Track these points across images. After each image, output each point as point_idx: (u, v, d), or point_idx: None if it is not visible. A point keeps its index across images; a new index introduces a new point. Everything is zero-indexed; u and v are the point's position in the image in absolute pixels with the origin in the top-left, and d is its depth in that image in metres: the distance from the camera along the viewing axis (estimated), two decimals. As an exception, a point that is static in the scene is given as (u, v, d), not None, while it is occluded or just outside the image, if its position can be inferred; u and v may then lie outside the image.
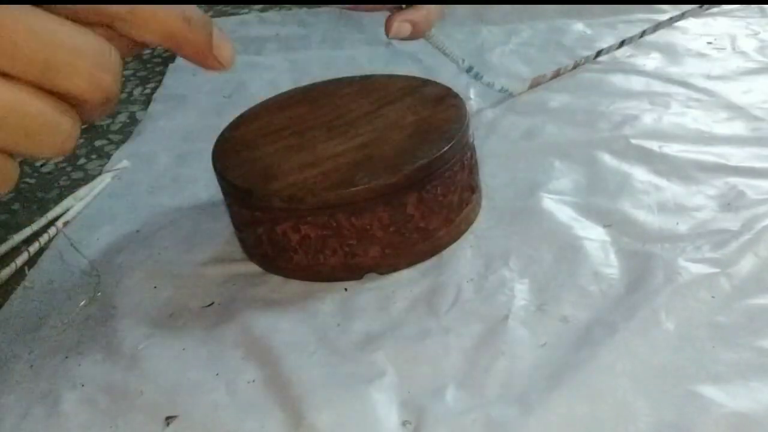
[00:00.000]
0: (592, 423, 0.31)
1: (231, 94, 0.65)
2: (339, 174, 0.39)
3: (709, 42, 0.60)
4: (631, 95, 0.55)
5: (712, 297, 0.36)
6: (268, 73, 0.67)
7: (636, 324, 0.35)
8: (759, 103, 0.51)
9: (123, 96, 0.68)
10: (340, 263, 0.40)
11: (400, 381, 0.34)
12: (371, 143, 0.41)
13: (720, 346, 0.33)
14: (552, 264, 0.40)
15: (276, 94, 0.49)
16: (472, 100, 0.57)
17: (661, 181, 0.45)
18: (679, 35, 0.63)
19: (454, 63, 0.51)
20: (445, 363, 0.35)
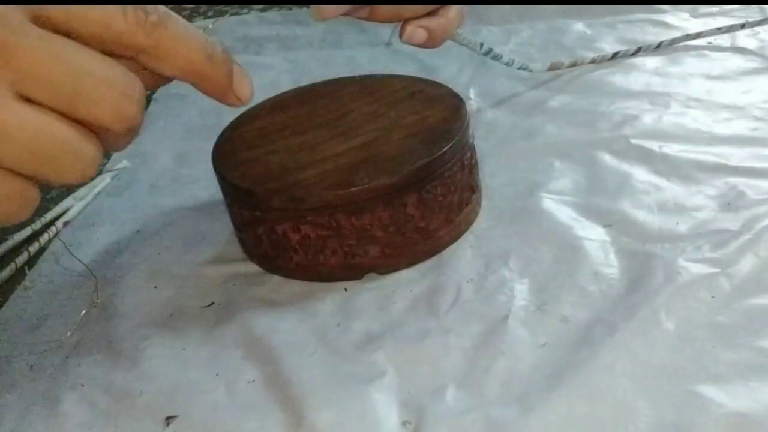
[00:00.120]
0: (592, 423, 0.31)
1: (231, 94, 0.65)
2: (339, 174, 0.39)
3: (709, 42, 0.60)
4: (631, 95, 0.55)
5: (712, 297, 0.36)
6: (268, 73, 0.67)
7: (636, 324, 0.35)
8: (759, 103, 0.51)
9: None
10: (340, 263, 0.40)
11: (400, 381, 0.34)
12: (371, 143, 0.41)
13: (720, 346, 0.33)
14: (552, 264, 0.40)
15: (276, 94, 0.49)
16: (472, 100, 0.57)
17: (661, 181, 0.45)
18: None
19: (472, 50, 0.51)
20: (445, 363, 0.35)
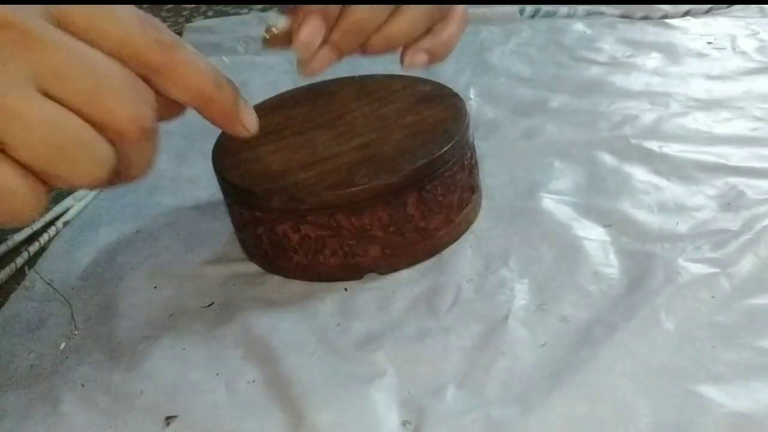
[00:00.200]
0: (592, 423, 0.31)
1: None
2: (339, 174, 0.39)
3: (709, 42, 0.60)
4: (631, 95, 0.55)
5: (712, 297, 0.36)
6: (268, 73, 0.67)
7: (636, 324, 0.35)
8: (759, 103, 0.51)
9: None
10: (339, 263, 0.40)
11: (400, 381, 0.34)
12: (371, 143, 0.41)
13: (720, 346, 0.33)
14: (552, 264, 0.40)
15: (276, 94, 0.49)
16: (472, 100, 0.57)
17: (661, 181, 0.45)
18: (679, 35, 0.63)
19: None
20: (445, 363, 0.35)
